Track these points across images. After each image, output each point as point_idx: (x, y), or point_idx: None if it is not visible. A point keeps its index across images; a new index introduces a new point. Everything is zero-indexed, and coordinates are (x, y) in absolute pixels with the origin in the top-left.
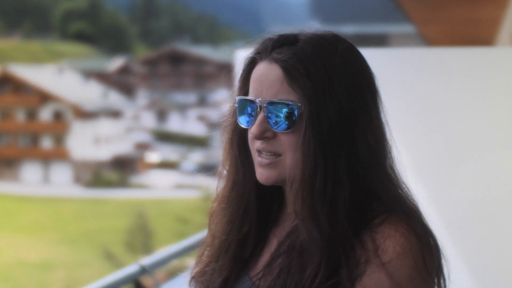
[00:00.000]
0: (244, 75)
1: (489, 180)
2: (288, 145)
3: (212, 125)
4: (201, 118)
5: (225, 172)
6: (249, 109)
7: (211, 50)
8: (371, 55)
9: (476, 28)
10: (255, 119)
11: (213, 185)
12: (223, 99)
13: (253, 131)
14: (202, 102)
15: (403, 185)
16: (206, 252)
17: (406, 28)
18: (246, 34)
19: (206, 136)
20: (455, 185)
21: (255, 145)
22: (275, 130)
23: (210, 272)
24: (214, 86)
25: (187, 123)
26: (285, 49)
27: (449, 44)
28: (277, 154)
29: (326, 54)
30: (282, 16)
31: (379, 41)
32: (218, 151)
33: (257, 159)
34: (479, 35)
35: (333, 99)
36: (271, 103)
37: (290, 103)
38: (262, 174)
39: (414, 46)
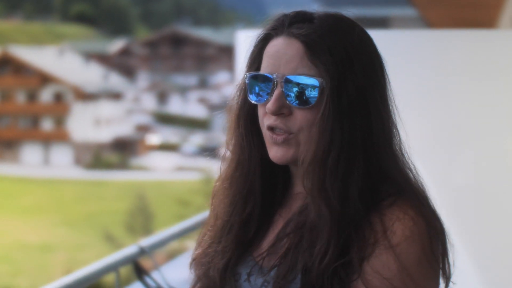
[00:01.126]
0: (256, 51)
1: (490, 164)
2: (304, 122)
3: (213, 107)
4: (202, 100)
5: (229, 151)
6: (262, 85)
7: (212, 32)
8: (373, 36)
9: (478, 11)
10: (271, 94)
11: (214, 166)
12: (224, 82)
13: (269, 106)
14: (203, 84)
15: (412, 167)
16: (208, 233)
17: (408, 11)
18: (247, 17)
19: (206, 118)
20: (455, 169)
21: (268, 122)
22: (292, 106)
23: (211, 254)
24: (215, 68)
25: (187, 105)
26: (305, 25)
27: (451, 27)
28: (289, 132)
29: (345, 33)
30: None
31: (381, 24)
32: (219, 133)
33: (270, 136)
34: (481, 18)
35: (352, 76)
36: (289, 78)
37: (311, 78)
38: (276, 152)
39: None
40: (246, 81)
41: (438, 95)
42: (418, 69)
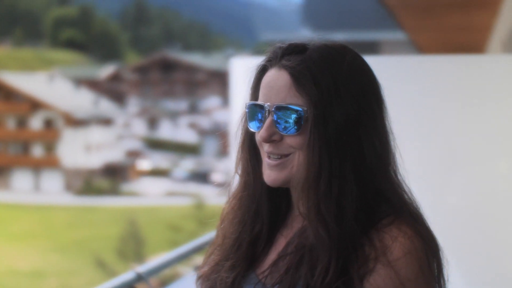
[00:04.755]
0: (255, 82)
1: (482, 187)
2: (295, 146)
3: (203, 132)
4: (192, 126)
5: (237, 174)
6: (259, 114)
7: (202, 58)
8: None
9: (467, 35)
10: (264, 123)
11: (205, 191)
12: (214, 106)
13: (261, 134)
14: (193, 109)
15: (407, 189)
16: (215, 252)
17: (398, 36)
18: (238, 41)
19: (197, 143)
20: (447, 192)
21: (264, 148)
22: (282, 134)
23: (219, 270)
24: (205, 93)
25: (178, 131)
26: (293, 57)
27: (441, 52)
28: (282, 156)
29: (334, 62)
30: (273, 24)
31: (371, 48)
32: (210, 158)
33: (266, 160)
34: (470, 43)
35: (339, 104)
36: (279, 107)
37: (296, 107)
38: (269, 176)
39: (406, 53)
40: (246, 110)
41: (430, 119)
42: (409, 95)
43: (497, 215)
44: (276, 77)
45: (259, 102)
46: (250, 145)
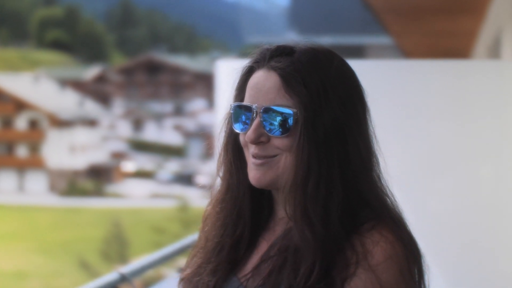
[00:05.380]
0: (241, 83)
1: (466, 191)
2: (283, 148)
3: (188, 135)
4: (177, 128)
5: (219, 177)
6: (244, 115)
7: (188, 60)
8: None
9: (453, 40)
10: (251, 124)
11: (190, 193)
12: (200, 109)
13: (249, 135)
14: (178, 111)
15: (390, 194)
16: (198, 255)
17: (383, 40)
18: (223, 44)
19: (182, 146)
20: (431, 196)
21: (250, 150)
22: (269, 135)
23: (201, 273)
24: (191, 95)
25: (163, 133)
26: (283, 58)
27: (426, 56)
28: (268, 157)
29: (322, 66)
30: (260, 27)
31: (357, 52)
32: (194, 160)
33: (251, 160)
34: (456, 48)
35: (327, 107)
36: (267, 109)
37: (286, 109)
38: (255, 176)
39: (391, 57)
40: (231, 111)
41: (414, 124)
42: (394, 99)
43: (479, 220)
44: (265, 78)
45: (246, 103)
46: (234, 146)
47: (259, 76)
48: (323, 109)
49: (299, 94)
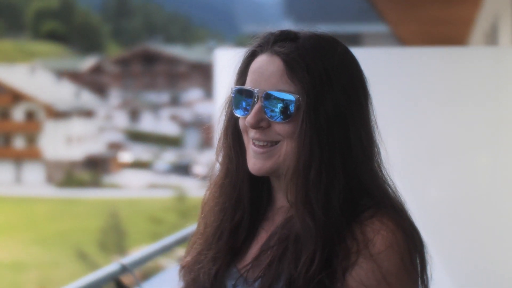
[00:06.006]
0: (243, 67)
1: (465, 180)
2: (283, 134)
3: (185, 125)
4: (174, 118)
5: (218, 162)
6: (245, 99)
7: (184, 50)
8: None
9: (449, 28)
10: (251, 109)
11: (187, 183)
12: (196, 99)
13: (249, 120)
14: (175, 101)
15: (391, 183)
16: (197, 241)
17: (380, 28)
18: (219, 34)
19: (178, 136)
20: (431, 185)
21: (249, 134)
22: (270, 120)
23: (202, 260)
24: (187, 85)
25: (159, 123)
26: (287, 44)
27: (423, 44)
28: (272, 142)
29: (326, 53)
30: (255, 16)
31: (353, 40)
32: (191, 150)
33: (251, 147)
34: (452, 35)
35: (330, 95)
36: (269, 93)
37: (288, 94)
38: (255, 164)
39: (388, 45)
40: (232, 95)
41: (412, 112)
42: (391, 87)
43: (482, 209)
44: (267, 62)
45: (247, 87)
46: (234, 131)
47: (262, 60)
48: (326, 96)
49: (302, 80)
